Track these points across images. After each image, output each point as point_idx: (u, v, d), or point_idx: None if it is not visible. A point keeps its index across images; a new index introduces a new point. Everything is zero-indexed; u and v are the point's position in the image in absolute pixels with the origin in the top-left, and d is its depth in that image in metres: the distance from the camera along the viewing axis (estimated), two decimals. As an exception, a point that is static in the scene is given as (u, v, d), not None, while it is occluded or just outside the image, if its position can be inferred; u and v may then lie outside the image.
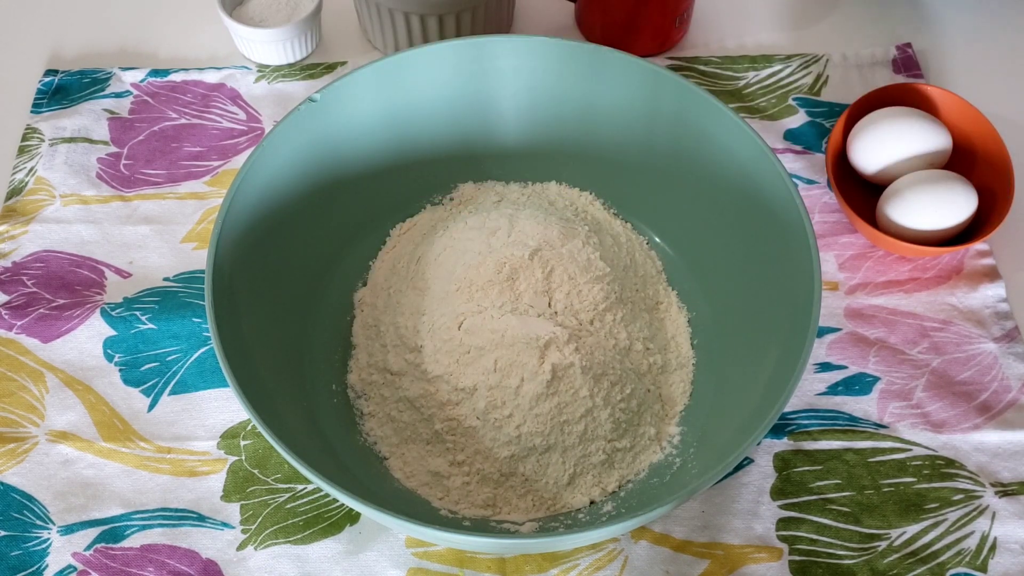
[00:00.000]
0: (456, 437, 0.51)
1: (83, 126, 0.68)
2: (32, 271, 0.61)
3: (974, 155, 0.63)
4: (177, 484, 0.54)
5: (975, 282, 0.61)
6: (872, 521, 0.53)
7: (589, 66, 0.57)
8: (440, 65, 0.57)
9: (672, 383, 0.55)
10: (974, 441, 0.55)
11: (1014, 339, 0.59)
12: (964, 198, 0.58)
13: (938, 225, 0.59)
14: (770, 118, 0.68)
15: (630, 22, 0.69)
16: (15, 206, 0.64)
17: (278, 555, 0.52)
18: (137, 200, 0.65)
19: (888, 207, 0.60)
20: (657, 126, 0.57)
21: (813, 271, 0.48)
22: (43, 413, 0.56)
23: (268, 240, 0.53)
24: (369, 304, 0.58)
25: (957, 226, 0.59)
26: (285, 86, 0.70)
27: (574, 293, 0.53)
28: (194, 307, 0.60)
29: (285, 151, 0.54)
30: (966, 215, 0.59)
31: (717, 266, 0.57)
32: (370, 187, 0.59)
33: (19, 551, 0.52)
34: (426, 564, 0.52)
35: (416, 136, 0.59)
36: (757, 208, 0.53)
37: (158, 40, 0.73)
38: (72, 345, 0.58)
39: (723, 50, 0.73)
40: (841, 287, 0.61)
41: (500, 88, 0.59)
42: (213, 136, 0.67)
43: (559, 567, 0.52)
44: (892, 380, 0.57)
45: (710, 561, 0.52)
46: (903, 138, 0.60)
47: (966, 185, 0.59)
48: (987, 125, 0.62)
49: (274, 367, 0.52)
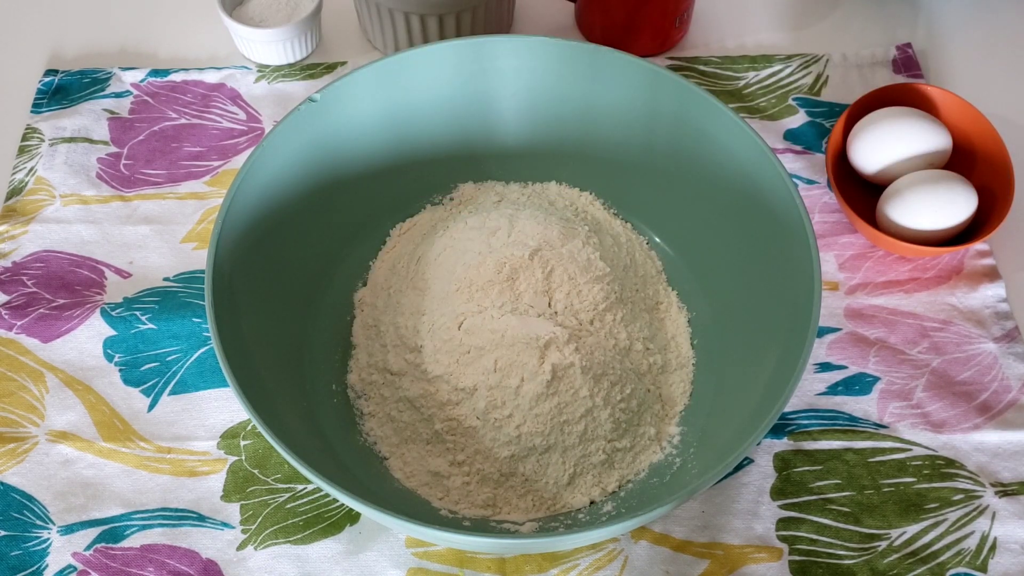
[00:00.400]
0: (456, 437, 0.51)
1: (83, 126, 0.68)
2: (32, 271, 0.61)
3: (974, 155, 0.63)
4: (177, 484, 0.54)
5: (975, 282, 0.61)
6: (872, 521, 0.53)
7: (589, 66, 0.57)
8: (440, 65, 0.57)
9: (672, 383, 0.55)
10: (974, 441, 0.55)
11: (1014, 339, 0.59)
12: (964, 198, 0.58)
13: (938, 225, 0.59)
14: (770, 118, 0.68)
15: (630, 22, 0.69)
16: (15, 206, 0.64)
17: (278, 555, 0.52)
18: (137, 200, 0.65)
19: (888, 207, 0.60)
20: (657, 126, 0.57)
21: (813, 271, 0.48)
22: (43, 413, 0.56)
23: (268, 240, 0.53)
24: (369, 304, 0.58)
25: (957, 226, 0.59)
26: (285, 86, 0.70)
27: (574, 293, 0.53)
28: (194, 307, 0.60)
29: (285, 151, 0.54)
30: (966, 215, 0.59)
31: (717, 266, 0.57)
32: (370, 187, 0.59)
33: (19, 551, 0.52)
34: (426, 564, 0.52)
35: (416, 136, 0.59)
36: (757, 208, 0.53)
37: (158, 40, 0.73)
38: (72, 345, 0.58)
39: (723, 50, 0.73)
40: (841, 287, 0.61)
41: (500, 88, 0.59)
42: (213, 136, 0.67)
43: (559, 567, 0.52)
44: (892, 380, 0.57)
45: (710, 561, 0.52)
46: (903, 138, 0.60)
47: (966, 185, 0.59)
48: (987, 125, 0.62)
49: (274, 367, 0.52)
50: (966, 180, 0.59)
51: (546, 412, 0.50)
